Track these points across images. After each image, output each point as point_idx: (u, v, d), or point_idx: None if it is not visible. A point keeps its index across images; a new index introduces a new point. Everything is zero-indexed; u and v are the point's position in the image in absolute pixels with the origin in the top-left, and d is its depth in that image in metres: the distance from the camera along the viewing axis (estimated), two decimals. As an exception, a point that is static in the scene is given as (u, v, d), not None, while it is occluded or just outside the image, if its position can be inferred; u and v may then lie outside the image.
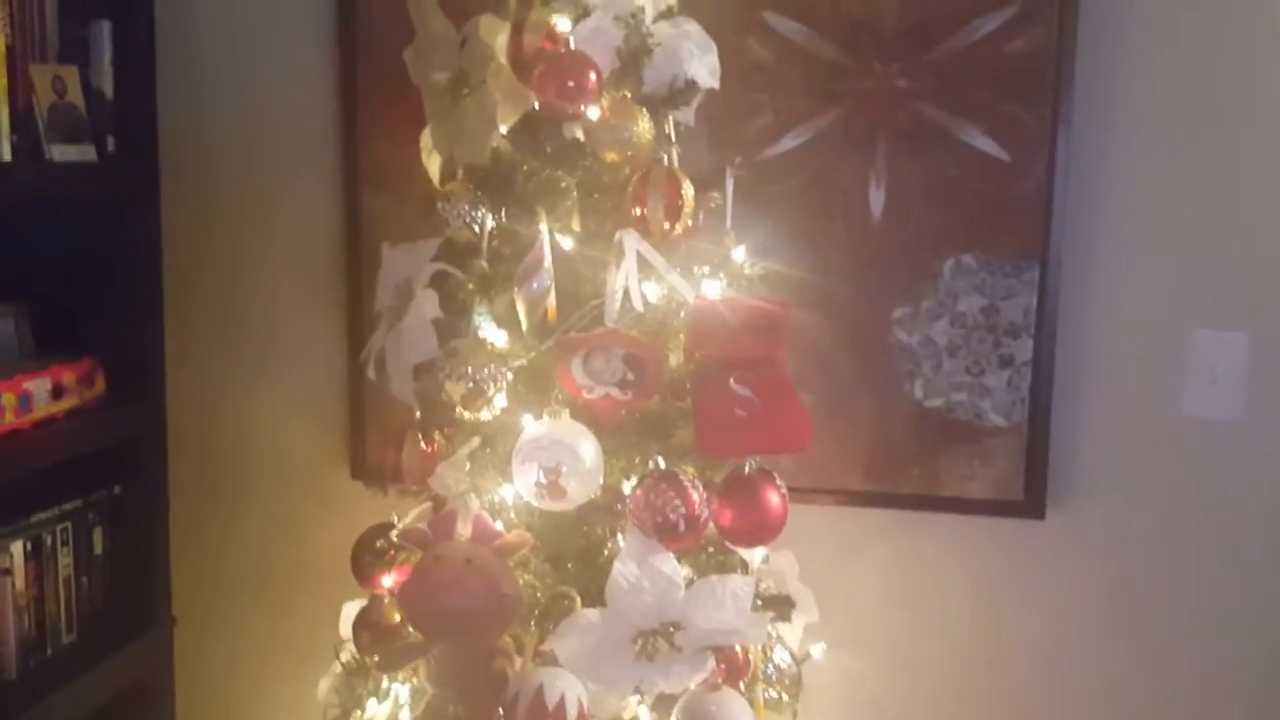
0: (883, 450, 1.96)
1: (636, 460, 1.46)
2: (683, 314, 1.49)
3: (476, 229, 1.51)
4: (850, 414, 1.96)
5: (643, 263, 1.45)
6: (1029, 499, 1.92)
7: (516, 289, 1.44)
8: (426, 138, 1.59)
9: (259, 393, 2.12)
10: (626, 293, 1.44)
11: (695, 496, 1.41)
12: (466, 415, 1.46)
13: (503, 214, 1.50)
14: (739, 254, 1.59)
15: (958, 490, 1.94)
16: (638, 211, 1.48)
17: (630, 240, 1.42)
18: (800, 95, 1.90)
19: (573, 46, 1.47)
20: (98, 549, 1.89)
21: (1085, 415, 1.93)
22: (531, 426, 1.44)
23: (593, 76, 1.44)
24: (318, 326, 2.09)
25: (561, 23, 1.48)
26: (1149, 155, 1.87)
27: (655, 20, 1.52)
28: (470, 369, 1.42)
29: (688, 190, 1.49)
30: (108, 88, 1.78)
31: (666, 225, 1.48)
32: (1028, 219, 1.87)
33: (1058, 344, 1.89)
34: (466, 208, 1.52)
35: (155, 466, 1.91)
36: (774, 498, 1.51)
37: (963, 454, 1.93)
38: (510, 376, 1.46)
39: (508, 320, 1.47)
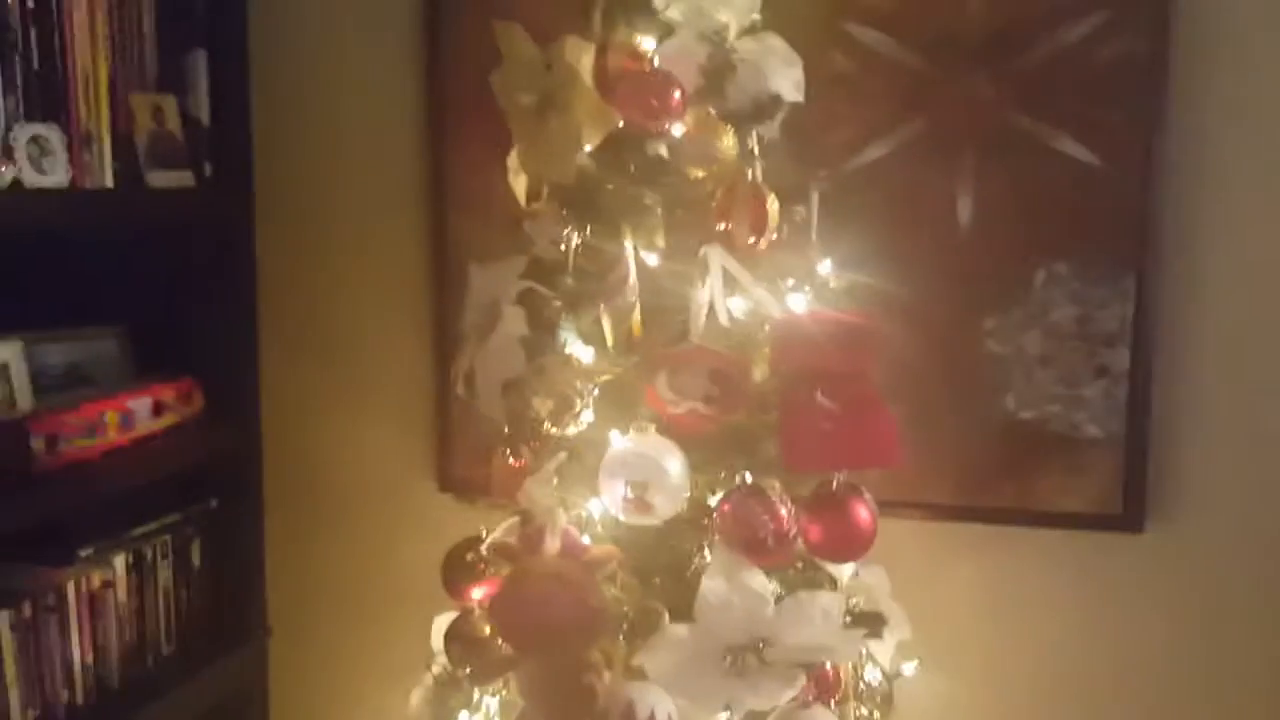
0: (974, 463, 1.92)
1: (723, 475, 1.46)
2: (768, 328, 1.49)
3: (562, 247, 1.52)
4: (941, 427, 1.93)
5: (728, 278, 1.45)
6: (1127, 512, 1.88)
7: (602, 306, 1.46)
8: (513, 159, 1.61)
9: (349, 409, 2.16)
10: (711, 308, 1.44)
11: (783, 512, 1.40)
12: (554, 431, 1.47)
13: (588, 231, 1.51)
14: (824, 267, 1.59)
15: (1052, 504, 1.90)
16: (722, 226, 1.48)
17: (715, 255, 1.42)
18: (884, 105, 1.89)
19: (656, 65, 1.48)
20: (196, 562, 1.94)
21: (1185, 427, 1.89)
22: (618, 442, 1.44)
23: (676, 94, 1.45)
24: (405, 344, 2.12)
25: (646, 42, 1.49)
26: (1248, 156, 1.82)
27: (739, 36, 1.52)
28: (557, 385, 1.43)
29: (772, 204, 1.50)
30: (204, 115, 1.83)
31: (751, 239, 1.48)
32: (1121, 226, 1.84)
33: (1156, 353, 1.85)
34: (552, 226, 1.53)
35: (251, 481, 1.96)
36: (863, 513, 1.49)
37: (1058, 467, 1.90)
38: (596, 392, 1.46)
39: (594, 337, 1.48)
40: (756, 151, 1.55)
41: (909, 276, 1.88)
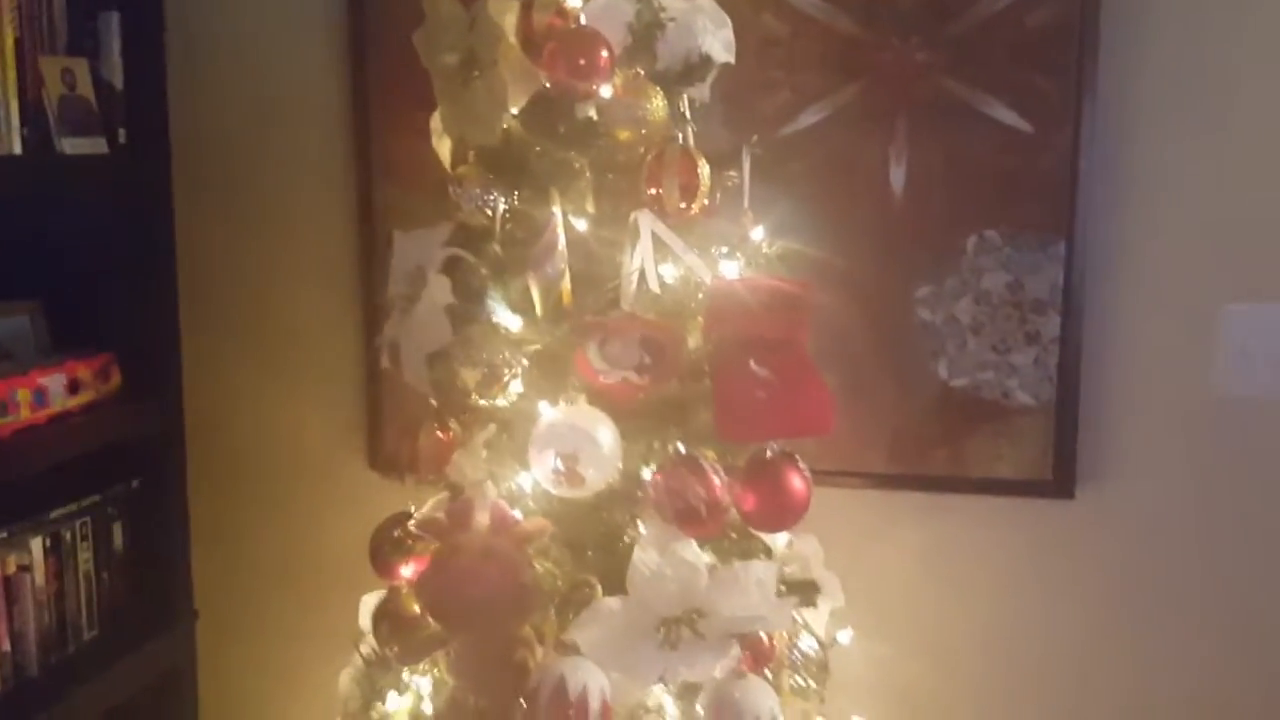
0: (907, 431, 1.93)
1: (655, 445, 1.43)
2: (700, 295, 1.47)
3: (489, 213, 1.49)
4: (874, 395, 1.93)
5: (659, 244, 1.43)
6: (1058, 479, 1.89)
7: (530, 273, 1.42)
8: (437, 121, 1.57)
9: (275, 384, 2.12)
10: (643, 275, 1.41)
11: (716, 481, 1.38)
12: (482, 402, 1.43)
13: (515, 197, 1.48)
14: (757, 234, 1.56)
15: (985, 471, 1.91)
16: (653, 191, 1.45)
17: (645, 221, 1.39)
18: (817, 70, 1.88)
19: (583, 23, 1.44)
20: (118, 544, 1.88)
21: (1115, 393, 1.90)
22: (548, 413, 1.41)
23: (604, 54, 1.41)
24: (332, 317, 2.08)
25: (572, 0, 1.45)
26: (1177, 123, 1.83)
27: None
28: (485, 355, 1.40)
29: (703, 169, 1.47)
30: (118, 79, 1.77)
31: (682, 205, 1.45)
32: (1052, 192, 1.84)
33: (1085, 320, 1.86)
34: (478, 191, 1.49)
35: (173, 460, 1.91)
36: (797, 481, 1.48)
37: (990, 434, 1.91)
38: (525, 362, 1.44)
39: (522, 305, 1.45)
40: (688, 115, 1.53)
41: (842, 244, 1.88)
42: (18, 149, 1.64)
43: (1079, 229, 1.84)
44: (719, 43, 1.50)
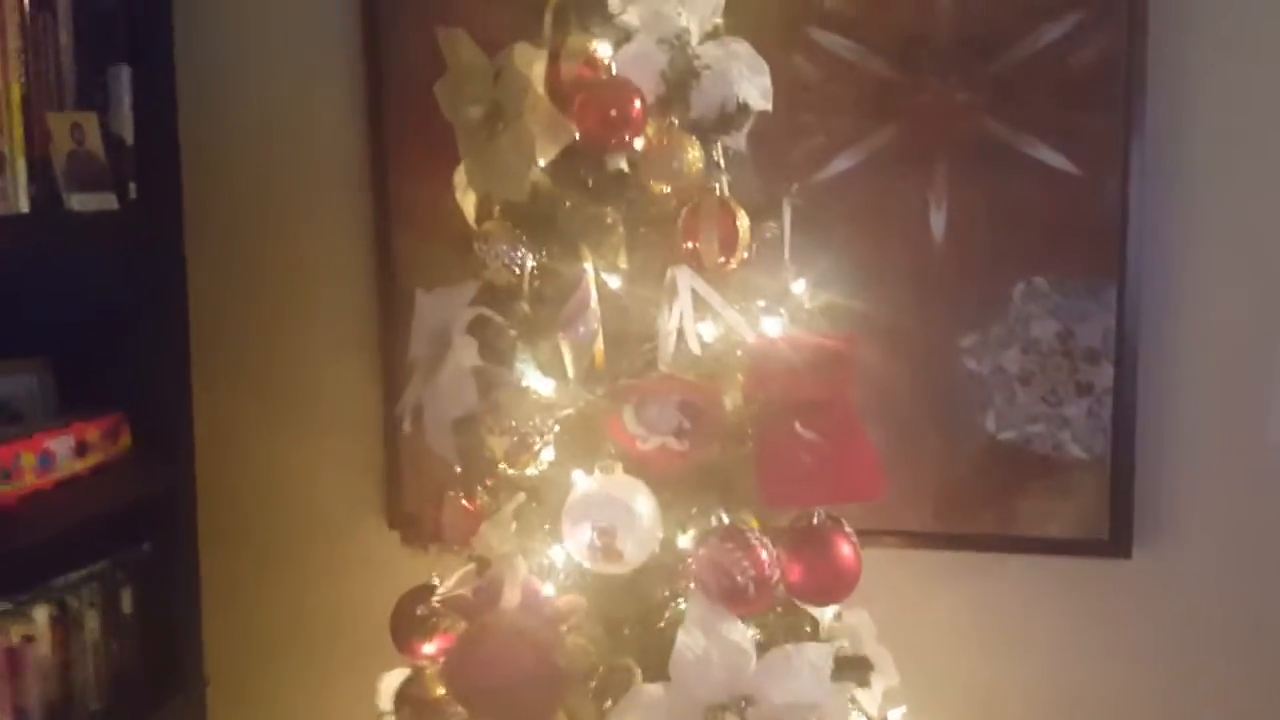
0: (954, 487, 1.87)
1: (696, 513, 1.35)
2: (740, 354, 1.40)
3: (516, 270, 1.44)
4: (918, 450, 1.86)
5: (698, 300, 1.37)
6: (1114, 537, 1.83)
7: (561, 333, 1.36)
8: (461, 175, 1.51)
9: (290, 443, 2.06)
10: (681, 334, 1.35)
11: (764, 556, 1.30)
12: (511, 472, 1.36)
13: (544, 254, 1.43)
14: (798, 287, 1.50)
15: (1037, 529, 1.84)
16: (690, 245, 1.40)
17: (684, 277, 1.33)
18: (851, 114, 1.83)
19: (614, 73, 1.41)
20: (127, 610, 1.82)
21: (1173, 445, 1.83)
22: (582, 483, 1.34)
23: (637, 104, 1.37)
24: (350, 372, 2.03)
25: (601, 48, 1.41)
26: (1230, 163, 1.78)
27: (701, 41, 1.45)
28: (514, 421, 1.32)
29: (743, 221, 1.41)
30: (128, 134, 1.74)
31: (721, 259, 1.40)
32: (1102, 237, 1.79)
33: (1139, 369, 1.80)
34: (505, 248, 1.43)
35: (185, 523, 1.86)
36: (846, 550, 1.41)
37: (1041, 490, 1.85)
38: (557, 428, 1.37)
39: (553, 367, 1.39)
40: (722, 164, 1.48)
41: (881, 293, 1.82)
42: (25, 207, 1.59)
43: (1131, 274, 1.79)
44: (756, 90, 1.46)
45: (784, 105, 1.72)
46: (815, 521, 1.41)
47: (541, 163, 1.42)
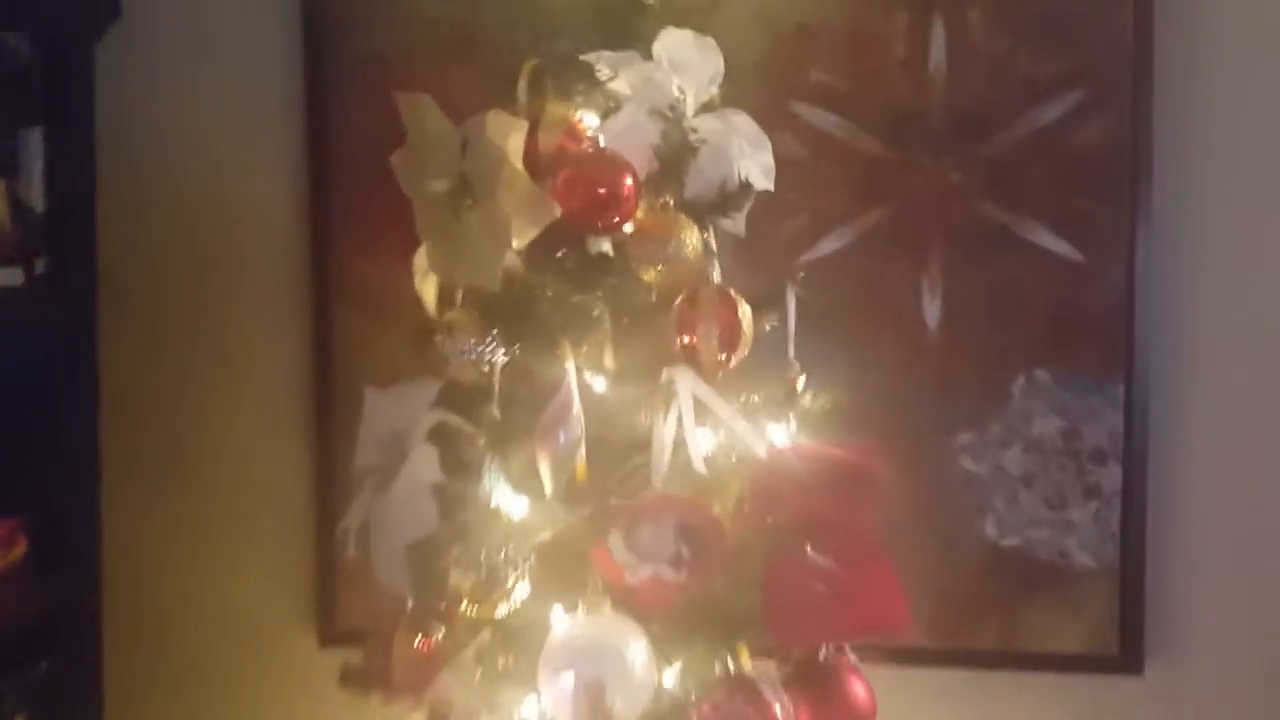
0: (951, 599, 1.77)
1: (698, 656, 1.18)
2: (740, 464, 1.27)
3: (486, 368, 1.27)
4: (912, 557, 1.66)
5: (698, 406, 1.23)
6: (1125, 652, 1.74)
7: (538, 444, 1.19)
8: (421, 258, 1.35)
9: (211, 551, 1.92)
10: (678, 445, 1.21)
11: (778, 710, 1.13)
12: (476, 612, 1.17)
13: (517, 349, 1.27)
14: (801, 384, 1.37)
15: (1041, 644, 1.76)
16: (685, 341, 1.27)
17: (684, 380, 1.18)
18: (840, 194, 1.77)
19: (601, 146, 1.28)
20: (21, 737, 1.67)
21: (1186, 552, 1.74)
22: (562, 624, 1.17)
23: (629, 181, 1.25)
24: (280, 472, 1.90)
25: (586, 118, 1.29)
26: (1243, 250, 1.72)
27: (697, 112, 1.33)
28: (483, 550, 1.14)
29: (744, 312, 1.29)
30: (38, 202, 1.64)
31: (722, 356, 1.27)
32: (1108, 327, 1.73)
33: (1150, 470, 1.73)
34: (473, 342, 1.27)
35: (89, 639, 1.73)
36: (859, 689, 1.31)
37: (1046, 601, 1.76)
38: (532, 557, 1.20)
39: (528, 484, 1.22)
40: (714, 249, 1.35)
41: (871, 386, 1.73)
42: (-83, 284, 1.48)
43: (1138, 368, 1.72)
44: (757, 167, 1.35)
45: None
46: (822, 657, 1.27)
47: (517, 245, 1.26)
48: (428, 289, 1.36)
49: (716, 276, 1.33)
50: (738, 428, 1.22)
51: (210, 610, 1.92)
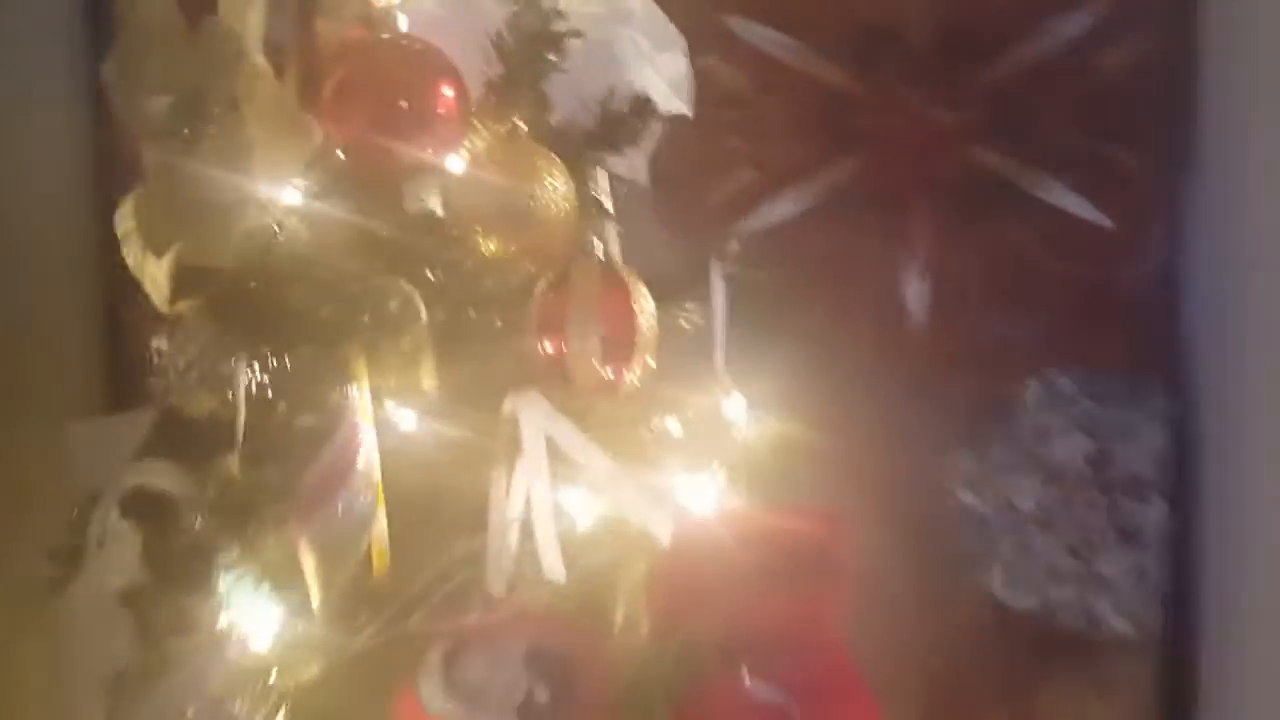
0: (948, 678, 1.57)
1: None
2: (635, 546, 0.89)
3: (228, 394, 0.84)
4: (896, 624, 1.54)
5: (558, 453, 0.83)
6: None
7: (297, 520, 0.78)
8: (127, 211, 0.90)
9: None
10: (528, 519, 0.82)
11: None
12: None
13: (275, 362, 0.85)
14: (737, 412, 1.01)
15: None
16: (547, 349, 0.92)
17: (533, 413, 0.82)
18: (794, 140, 1.56)
19: (405, 33, 0.95)
20: None
21: (1249, 616, 1.46)
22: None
23: (448, 90, 0.89)
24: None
25: None
26: None
27: None
28: (206, 699, 0.73)
29: (645, 305, 0.94)
30: None
31: (608, 374, 0.92)
32: (1144, 314, 1.54)
33: (1205, 507, 1.50)
34: (205, 350, 0.86)
35: None
36: None
37: (1069, 680, 1.56)
38: (288, 709, 0.81)
39: (284, 588, 0.81)
40: (610, 207, 1.02)
41: (837, 396, 1.48)
42: None
43: (1188, 372, 1.52)
44: (662, 77, 1.02)
45: (698, 124, 1.36)
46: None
47: (271, 194, 0.85)
48: (149, 267, 0.91)
49: (604, 249, 1.00)
50: (623, 487, 0.83)
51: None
